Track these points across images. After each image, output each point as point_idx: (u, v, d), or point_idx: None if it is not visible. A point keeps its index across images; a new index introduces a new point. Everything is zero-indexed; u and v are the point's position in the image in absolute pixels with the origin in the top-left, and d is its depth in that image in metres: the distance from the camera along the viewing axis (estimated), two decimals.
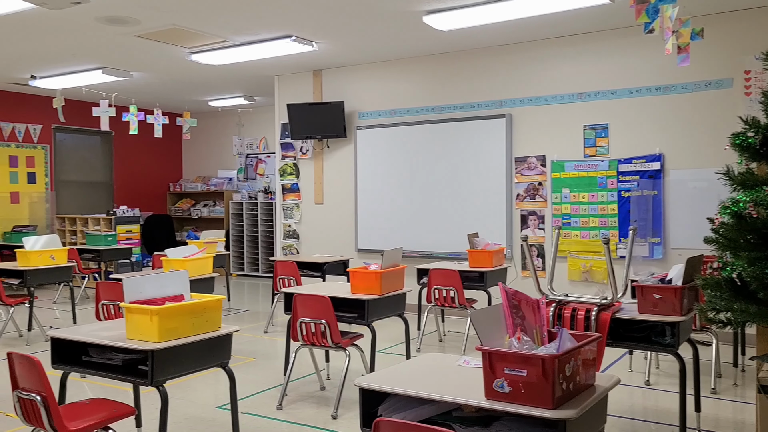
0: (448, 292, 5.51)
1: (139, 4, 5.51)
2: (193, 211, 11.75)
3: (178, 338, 2.84)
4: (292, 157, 8.66)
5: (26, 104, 9.92)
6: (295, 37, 6.57)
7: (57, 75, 8.32)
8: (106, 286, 4.55)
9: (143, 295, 2.91)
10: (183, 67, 7.94)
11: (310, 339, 4.10)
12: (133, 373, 2.84)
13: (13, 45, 6.89)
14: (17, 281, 6.21)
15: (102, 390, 4.53)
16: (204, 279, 5.57)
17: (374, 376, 2.46)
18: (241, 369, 5.10)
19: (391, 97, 7.84)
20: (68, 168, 10.64)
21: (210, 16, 5.88)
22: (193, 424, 3.92)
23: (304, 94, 8.44)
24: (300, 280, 6.18)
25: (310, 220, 8.52)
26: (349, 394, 4.29)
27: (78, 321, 6.76)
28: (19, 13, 5.57)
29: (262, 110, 11.08)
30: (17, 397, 2.61)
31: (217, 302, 3.07)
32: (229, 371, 3.11)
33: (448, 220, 7.39)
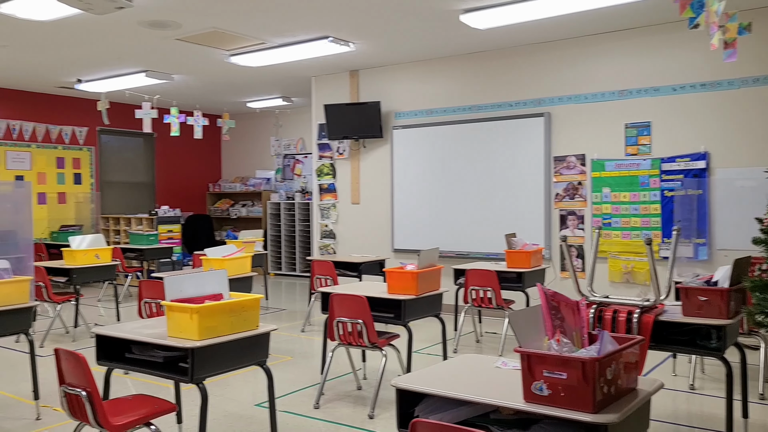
0: (485, 293, 5.46)
1: (181, 8, 5.61)
2: (232, 211, 11.92)
3: (218, 336, 2.88)
4: (329, 157, 8.71)
5: (72, 107, 10.20)
6: (332, 37, 6.61)
7: (102, 79, 8.53)
8: (148, 285, 4.64)
9: (184, 293, 2.96)
10: (222, 69, 8.06)
11: (347, 338, 4.11)
12: (174, 370, 2.88)
13: (61, 50, 7.09)
14: (64, 279, 6.38)
15: (144, 386, 4.63)
16: (242, 278, 5.64)
17: (411, 376, 2.45)
18: (279, 367, 5.14)
19: (428, 97, 7.82)
20: (112, 169, 10.91)
21: (249, 19, 5.95)
22: (232, 421, 3.97)
23: (341, 95, 8.48)
24: (337, 280, 6.20)
25: (347, 220, 8.56)
26: (385, 394, 4.29)
27: (121, 318, 6.92)
28: (66, 19, 5.74)
29: (299, 111, 11.18)
30: (64, 392, 2.68)
31: (255, 301, 3.10)
32: (267, 370, 3.14)
33: (485, 220, 7.33)
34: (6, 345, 5.97)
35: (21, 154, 9.64)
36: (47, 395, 4.25)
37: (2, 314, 3.82)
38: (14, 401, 4.38)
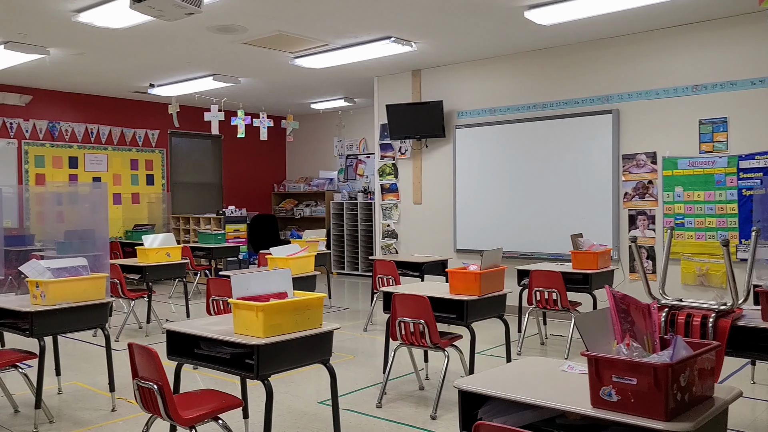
0: (550, 294, 5.35)
1: (247, 13, 5.74)
2: (296, 211, 12.12)
3: (282, 334, 2.93)
4: (391, 157, 8.73)
5: (145, 111, 10.62)
6: (394, 38, 6.62)
7: (172, 83, 8.84)
8: (216, 283, 4.77)
9: (249, 291, 3.02)
10: (287, 71, 8.20)
11: (409, 338, 4.10)
12: (240, 366, 2.95)
13: (135, 56, 7.39)
14: (137, 276, 6.65)
15: (212, 381, 4.76)
16: (306, 277, 5.71)
17: (474, 378, 2.43)
18: (342, 366, 5.19)
19: (491, 96, 7.72)
20: (182, 170, 11.29)
21: (312, 21, 6.03)
22: (296, 418, 4.03)
23: (403, 95, 8.49)
24: (399, 280, 6.21)
25: (409, 219, 8.55)
26: (448, 395, 4.26)
27: (191, 315, 7.14)
28: (139, 26, 5.97)
29: (361, 111, 11.25)
30: (137, 385, 2.79)
31: (319, 300, 3.13)
32: (330, 368, 3.17)
33: (550, 220, 7.18)
34: (84, 339, 6.26)
35: (98, 157, 10.10)
36: (122, 387, 4.42)
37: (81, 309, 4.01)
38: (92, 393, 4.59)
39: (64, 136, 9.71)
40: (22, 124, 9.26)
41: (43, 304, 3.88)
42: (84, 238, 5.04)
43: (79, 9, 5.51)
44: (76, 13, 5.61)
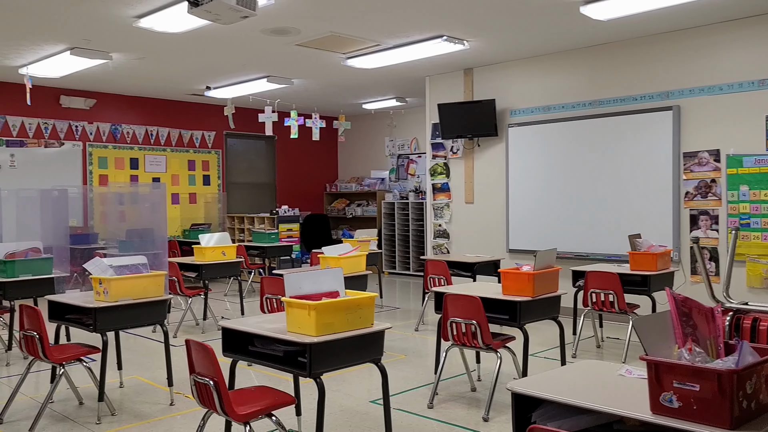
0: (606, 296, 5.22)
1: (300, 15, 5.81)
2: (348, 211, 12.20)
3: (334, 333, 2.94)
4: (443, 156, 8.69)
5: (202, 113, 10.89)
6: (446, 36, 6.58)
7: (228, 85, 9.03)
8: (269, 281, 4.84)
9: (302, 290, 3.05)
10: (339, 72, 8.26)
11: (461, 339, 4.07)
12: (293, 364, 2.98)
13: (192, 59, 7.58)
14: (194, 274, 6.82)
15: (266, 378, 4.84)
16: (357, 276, 5.74)
17: (528, 380, 2.38)
18: (393, 365, 5.19)
19: (545, 93, 7.59)
20: (237, 171, 11.53)
21: (364, 22, 6.06)
22: (348, 416, 4.06)
23: (455, 94, 8.43)
24: (450, 280, 6.17)
25: (461, 219, 8.49)
26: (500, 396, 4.20)
27: (245, 313, 7.28)
28: (196, 30, 6.13)
29: (413, 111, 11.24)
30: (194, 380, 2.85)
31: (370, 299, 3.14)
32: (382, 367, 3.17)
33: (606, 220, 7.01)
34: (144, 334, 6.46)
35: (158, 158, 10.41)
36: (180, 382, 4.54)
37: (141, 306, 4.14)
38: (151, 387, 4.73)
39: (126, 138, 10.05)
40: (86, 127, 9.63)
41: (105, 300, 4.02)
42: (144, 237, 5.21)
43: (139, 15, 5.69)
44: (137, 19, 5.79)
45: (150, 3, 5.40)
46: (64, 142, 9.41)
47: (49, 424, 3.94)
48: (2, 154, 8.85)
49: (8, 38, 6.50)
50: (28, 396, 4.47)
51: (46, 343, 3.82)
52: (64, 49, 6.90)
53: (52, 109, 9.29)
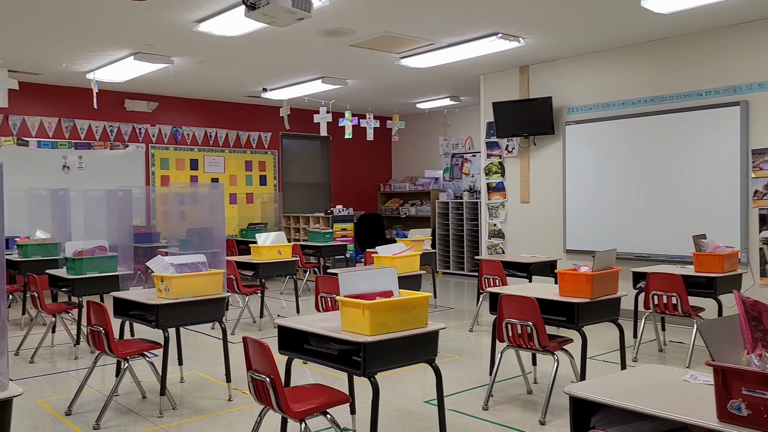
0: (669, 299, 5.04)
1: (355, 16, 5.85)
2: (402, 210, 12.20)
3: (388, 333, 2.94)
4: (498, 155, 8.58)
5: (258, 114, 11.09)
6: (501, 34, 6.50)
7: (283, 86, 9.17)
8: (324, 280, 4.89)
9: (356, 289, 3.06)
10: (393, 71, 8.27)
11: (516, 340, 4.01)
12: (347, 362, 3.00)
13: (249, 62, 7.73)
14: (251, 273, 6.95)
15: (321, 376, 4.89)
16: (411, 276, 5.73)
17: (586, 384, 2.32)
18: (447, 366, 5.16)
19: (604, 90, 7.39)
20: (293, 171, 11.70)
21: (418, 21, 6.04)
22: (402, 416, 4.06)
23: (510, 92, 8.32)
24: (505, 280, 6.09)
25: (516, 219, 8.37)
26: (557, 400, 4.12)
27: (301, 311, 7.38)
28: (252, 33, 6.25)
29: (467, 110, 11.15)
30: (251, 377, 2.91)
31: (424, 299, 3.13)
32: (436, 368, 3.16)
33: (668, 220, 6.78)
34: (203, 331, 6.63)
35: (216, 159, 10.67)
36: (238, 379, 4.64)
37: (200, 303, 4.25)
38: (210, 382, 4.85)
39: (186, 140, 10.34)
40: (149, 129, 9.96)
41: (167, 297, 4.14)
42: (203, 236, 5.34)
43: (199, 19, 5.84)
44: (197, 24, 5.95)
45: (209, 8, 5.53)
46: (129, 144, 9.75)
47: (114, 416, 4.09)
48: (71, 156, 9.24)
49: (77, 45, 6.78)
50: (95, 389, 4.65)
51: (111, 338, 3.96)
52: (128, 54, 7.15)
53: (117, 113, 9.64)
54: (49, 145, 9.07)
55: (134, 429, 3.87)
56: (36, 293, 5.55)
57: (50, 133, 9.07)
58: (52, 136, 9.08)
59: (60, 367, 5.33)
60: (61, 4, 5.42)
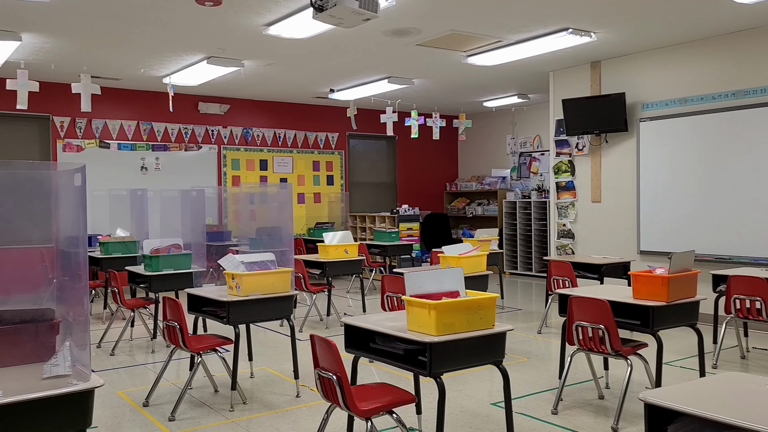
0: (752, 303, 4.78)
1: (421, 15, 5.83)
2: (468, 210, 12.10)
3: (454, 333, 2.92)
4: (568, 154, 8.37)
5: (326, 115, 11.24)
6: (571, 29, 6.33)
7: (350, 87, 9.26)
8: (390, 279, 4.90)
9: (422, 289, 3.05)
10: (459, 70, 8.21)
11: (587, 344, 3.90)
12: (413, 362, 2.99)
13: (317, 63, 7.85)
14: (318, 272, 7.05)
15: (386, 375, 4.90)
16: (478, 276, 5.67)
17: (662, 391, 2.23)
18: (515, 368, 5.07)
19: (682, 85, 7.09)
20: (359, 171, 11.79)
21: (485, 18, 5.97)
22: (468, 417, 4.01)
23: (581, 88, 8.10)
24: (575, 282, 5.93)
25: (587, 219, 8.14)
26: (630, 406, 3.98)
27: (367, 310, 7.42)
28: (320, 35, 6.33)
29: (535, 108, 10.94)
30: (318, 375, 2.94)
31: (491, 300, 3.08)
32: (503, 370, 3.11)
33: (751, 220, 6.43)
34: (272, 328, 6.78)
35: (285, 159, 10.89)
36: (306, 375, 4.71)
37: (269, 301, 4.34)
38: (279, 378, 4.95)
39: (256, 141, 10.60)
40: (221, 131, 10.26)
41: (237, 295, 4.25)
42: (272, 235, 5.44)
43: (268, 23, 5.97)
44: (266, 27, 6.08)
45: (278, 11, 5.65)
46: (202, 145, 10.08)
47: (188, 408, 4.23)
48: (149, 158, 9.64)
49: (154, 51, 7.07)
50: (170, 381, 4.82)
51: (185, 333, 4.10)
52: (201, 58, 7.39)
53: (191, 115, 9.98)
54: (129, 147, 9.48)
55: (207, 422, 3.99)
56: (116, 289, 5.82)
57: (129, 136, 9.49)
58: (131, 139, 9.50)
59: (138, 359, 5.57)
60: (140, 12, 5.65)
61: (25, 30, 6.15)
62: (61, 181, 2.64)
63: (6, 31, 6.11)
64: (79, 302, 2.42)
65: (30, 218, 4.31)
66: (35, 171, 4.27)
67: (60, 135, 8.93)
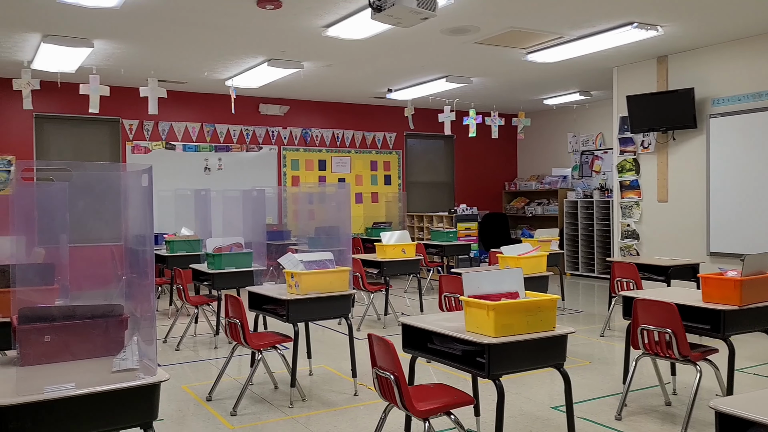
0: None
1: (480, 13, 5.77)
2: (527, 210, 11.90)
3: (513, 335, 2.87)
4: (632, 152, 8.12)
5: (383, 115, 11.28)
6: (637, 23, 6.13)
7: (408, 87, 9.25)
8: (447, 280, 4.86)
9: (480, 290, 3.01)
10: (519, 68, 8.08)
11: (653, 348, 3.76)
12: (471, 363, 2.96)
13: (374, 64, 7.88)
14: (376, 271, 7.07)
15: (444, 376, 4.87)
16: (538, 277, 5.57)
17: (735, 399, 2.13)
18: (577, 372, 4.95)
19: (755, 78, 6.76)
20: (416, 170, 11.78)
21: (546, 14, 5.85)
22: (528, 421, 3.95)
23: (647, 84, 7.83)
24: (640, 284, 5.75)
25: (652, 219, 7.88)
26: (700, 414, 3.82)
27: (424, 310, 7.40)
28: (378, 36, 6.35)
29: (598, 105, 10.66)
30: (375, 374, 2.95)
31: (552, 302, 3.02)
32: (564, 373, 3.04)
33: None
34: (330, 326, 6.84)
35: (343, 159, 10.98)
36: (363, 374, 4.73)
37: (328, 299, 4.38)
38: (337, 377, 4.99)
39: (315, 141, 10.73)
40: (281, 132, 10.44)
41: (296, 293, 4.31)
42: (330, 234, 5.49)
43: (327, 24, 6.03)
44: (325, 28, 6.14)
45: (336, 12, 5.70)
46: (262, 146, 10.28)
47: (249, 404, 4.32)
48: (212, 159, 9.90)
49: (217, 54, 7.25)
50: (232, 377, 4.94)
51: (246, 330, 4.18)
52: (262, 61, 7.54)
53: (252, 117, 10.19)
54: (193, 149, 9.76)
55: (267, 418, 4.06)
56: (181, 286, 6.00)
57: (194, 137, 9.77)
58: (195, 140, 9.78)
59: (201, 355, 5.72)
60: (204, 17, 5.81)
61: (97, 37, 6.42)
62: (130, 181, 2.74)
63: (80, 38, 6.39)
64: (146, 299, 2.50)
65: (101, 218, 4.50)
66: (106, 172, 4.44)
67: (129, 137, 9.28)
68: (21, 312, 2.40)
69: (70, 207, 3.69)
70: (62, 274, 3.67)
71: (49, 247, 3.88)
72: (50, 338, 2.41)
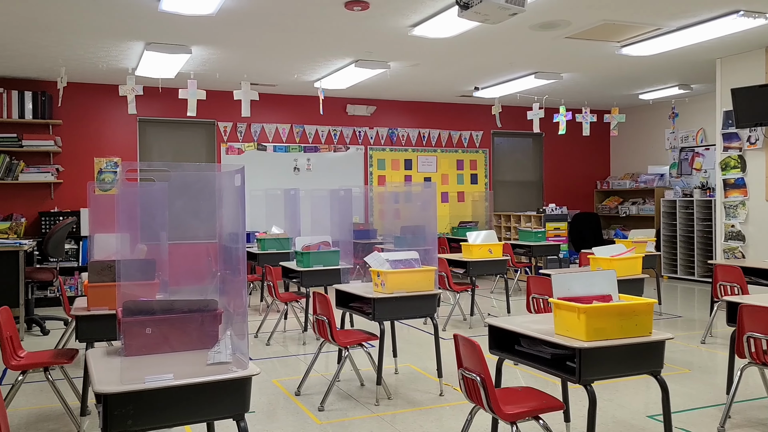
0: None
1: (571, 6, 5.59)
2: (621, 209, 11.44)
3: (606, 339, 2.77)
4: (737, 148, 7.63)
5: (470, 113, 11.16)
6: (743, 11, 5.75)
7: (495, 84, 9.11)
8: (536, 281, 4.75)
9: (571, 292, 2.92)
10: (612, 62, 7.78)
11: (761, 358, 3.52)
12: (561, 368, 2.87)
13: (462, 62, 7.81)
14: (462, 271, 7.01)
15: (532, 379, 4.76)
16: (632, 280, 5.35)
17: None
18: (675, 380, 4.71)
19: None
20: (503, 169, 11.58)
21: (642, 5, 5.59)
22: (622, 429, 3.79)
23: (754, 76, 7.33)
24: (746, 289, 5.39)
25: (760, 219, 7.36)
26: None
27: (511, 311, 7.27)
28: (464, 33, 6.29)
29: (698, 99, 10.10)
30: (461, 375, 2.92)
31: (648, 306, 2.88)
32: (662, 381, 2.89)
33: None
34: (416, 326, 6.85)
35: (429, 158, 10.97)
36: (449, 374, 4.70)
37: (413, 299, 4.38)
38: (422, 376, 4.98)
39: (401, 141, 10.77)
40: (368, 132, 10.56)
41: (382, 292, 4.34)
42: (416, 234, 5.50)
43: (413, 24, 6.04)
44: (412, 28, 6.15)
45: (423, 12, 5.69)
46: (350, 146, 10.43)
47: (336, 400, 4.39)
48: (301, 159, 10.15)
49: (306, 57, 7.42)
50: (320, 373, 5.04)
51: (333, 327, 4.25)
52: (349, 62, 7.64)
53: (340, 117, 10.36)
54: (283, 149, 10.04)
55: (354, 414, 4.11)
56: (271, 283, 6.18)
57: (284, 138, 10.05)
58: (285, 141, 10.05)
59: (291, 350, 5.88)
60: (294, 21, 5.96)
61: (195, 43, 6.73)
62: (224, 181, 2.85)
63: (179, 45, 6.72)
64: (238, 294, 2.59)
65: (197, 216, 4.71)
66: (201, 173, 4.64)
67: (223, 139, 9.67)
68: (125, 305, 2.55)
69: (169, 206, 3.89)
70: (162, 269, 3.87)
71: (151, 244, 4.10)
72: (151, 331, 2.54)
